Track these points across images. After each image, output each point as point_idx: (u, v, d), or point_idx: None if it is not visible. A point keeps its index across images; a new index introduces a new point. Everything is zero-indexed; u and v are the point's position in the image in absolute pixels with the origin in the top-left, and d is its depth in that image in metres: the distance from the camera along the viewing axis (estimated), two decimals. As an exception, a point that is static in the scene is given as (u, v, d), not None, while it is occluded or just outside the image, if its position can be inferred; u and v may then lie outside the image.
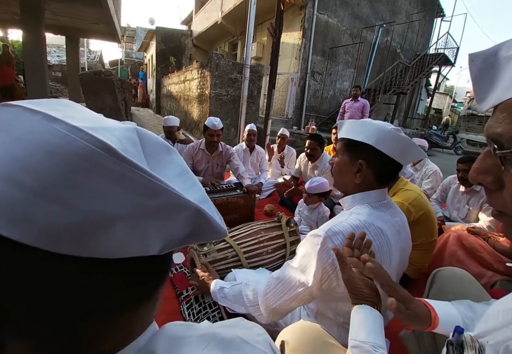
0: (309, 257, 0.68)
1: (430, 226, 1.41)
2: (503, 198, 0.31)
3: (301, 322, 0.68)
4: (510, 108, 0.29)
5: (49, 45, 13.46)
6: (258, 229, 1.44)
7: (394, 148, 0.76)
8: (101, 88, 3.37)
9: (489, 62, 0.31)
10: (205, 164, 2.40)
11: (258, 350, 0.30)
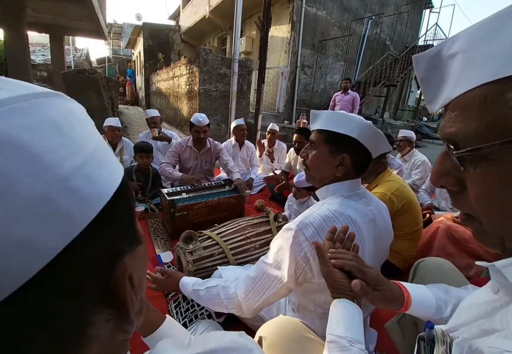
0: (282, 251, 0.67)
1: (414, 214, 1.42)
2: (467, 200, 0.31)
3: (280, 317, 0.67)
4: (460, 105, 0.28)
5: (33, 44, 13.10)
6: (245, 225, 1.43)
7: (372, 141, 0.77)
8: (86, 87, 3.29)
9: (433, 63, 0.31)
10: (194, 162, 2.37)
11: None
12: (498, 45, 0.24)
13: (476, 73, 0.26)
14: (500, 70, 0.24)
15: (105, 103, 3.55)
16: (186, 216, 1.74)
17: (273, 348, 0.56)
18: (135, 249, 0.21)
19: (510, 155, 0.25)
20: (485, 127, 0.26)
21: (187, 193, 1.86)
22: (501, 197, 0.27)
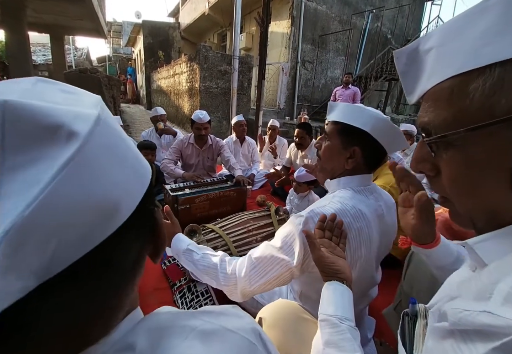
0: (292, 236, 0.68)
1: None
2: (441, 184, 0.33)
3: (279, 300, 0.70)
4: (432, 97, 0.31)
5: (33, 44, 13.12)
6: (247, 218, 1.46)
7: (386, 137, 0.76)
8: (88, 86, 3.32)
9: (412, 57, 0.33)
10: (196, 158, 2.41)
11: (243, 339, 0.30)
12: (463, 42, 0.27)
13: (445, 67, 0.28)
14: (464, 65, 0.26)
15: (107, 102, 3.58)
16: (189, 210, 1.78)
17: (272, 328, 0.60)
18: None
19: (473, 142, 0.27)
20: (452, 117, 0.28)
21: (190, 189, 1.90)
22: (467, 180, 0.30)
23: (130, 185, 0.23)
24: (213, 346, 0.27)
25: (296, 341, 0.57)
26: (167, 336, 0.26)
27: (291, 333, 0.57)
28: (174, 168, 2.23)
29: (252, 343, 0.29)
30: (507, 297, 0.22)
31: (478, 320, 0.22)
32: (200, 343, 0.27)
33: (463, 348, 0.22)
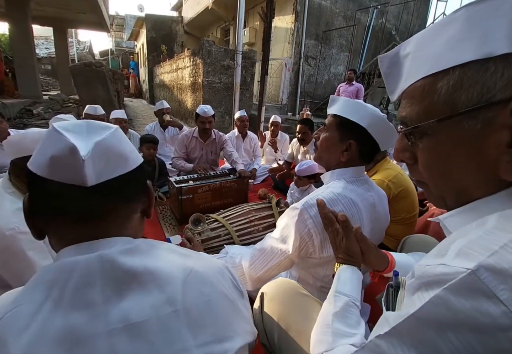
0: (288, 228, 0.75)
1: (410, 201, 1.49)
2: (418, 170, 0.38)
3: (279, 278, 0.76)
4: (408, 95, 0.36)
5: (36, 37, 13.09)
6: (249, 209, 1.52)
7: (381, 133, 0.80)
8: (93, 79, 3.36)
9: (393, 61, 0.39)
10: (199, 152, 2.46)
11: (215, 263, 0.45)
12: (433, 48, 0.32)
13: (418, 69, 0.34)
14: (432, 67, 0.32)
15: (111, 96, 3.62)
16: (192, 199, 1.84)
17: (273, 301, 0.65)
18: None
19: (441, 131, 0.33)
20: (423, 110, 0.34)
21: (193, 181, 1.95)
22: (439, 165, 0.34)
23: (134, 153, 0.42)
24: (190, 260, 0.42)
25: (295, 313, 0.62)
26: (157, 248, 0.41)
27: (290, 306, 0.63)
28: (184, 164, 2.30)
29: (221, 268, 0.45)
30: (458, 252, 0.27)
31: (436, 271, 0.27)
32: (179, 257, 0.42)
33: (425, 295, 0.27)
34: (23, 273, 0.83)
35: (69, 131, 0.36)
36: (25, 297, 0.33)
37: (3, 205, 0.85)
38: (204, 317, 0.37)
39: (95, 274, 0.33)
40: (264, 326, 0.65)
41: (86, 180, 0.35)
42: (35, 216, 0.38)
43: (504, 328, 0.22)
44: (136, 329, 0.32)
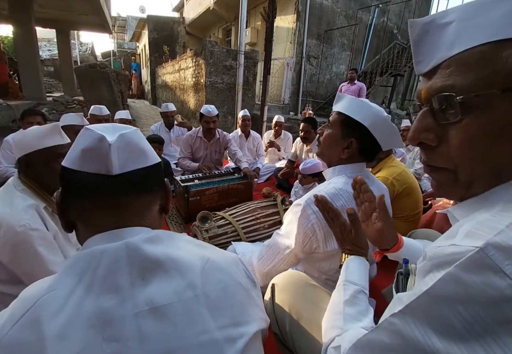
0: (292, 223, 0.78)
1: (414, 198, 1.50)
2: (445, 153, 0.35)
3: (289, 270, 0.78)
4: (457, 62, 0.33)
5: (39, 39, 13.18)
6: (255, 207, 1.54)
7: (383, 134, 0.82)
8: (97, 81, 3.39)
9: (425, 29, 0.36)
10: (204, 152, 2.48)
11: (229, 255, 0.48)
12: (492, 16, 0.31)
13: (473, 36, 0.32)
14: (497, 34, 0.30)
15: (116, 97, 3.66)
16: (199, 201, 1.87)
17: (283, 291, 0.68)
18: None
19: (501, 104, 0.30)
20: (482, 79, 0.30)
21: (199, 180, 1.98)
22: (485, 144, 0.31)
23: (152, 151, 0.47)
24: (206, 250, 0.45)
25: (305, 302, 0.64)
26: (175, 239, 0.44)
27: (300, 296, 0.65)
28: (190, 163, 2.33)
29: (235, 259, 0.48)
30: (467, 233, 0.29)
31: (447, 251, 0.29)
32: (196, 248, 0.44)
33: (437, 275, 0.29)
34: (34, 268, 0.85)
35: (98, 129, 0.41)
36: (58, 283, 0.35)
37: (14, 202, 0.87)
38: (222, 302, 0.39)
39: (122, 261, 0.36)
40: (276, 316, 0.67)
41: (112, 168, 0.39)
42: (67, 208, 0.42)
43: (510, 299, 0.24)
44: (161, 312, 0.34)
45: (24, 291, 0.38)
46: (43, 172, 0.95)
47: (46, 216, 0.93)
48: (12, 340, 0.30)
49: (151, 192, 0.44)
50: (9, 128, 4.94)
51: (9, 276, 0.86)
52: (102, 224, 0.40)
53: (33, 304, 0.33)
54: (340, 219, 0.67)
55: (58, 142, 0.97)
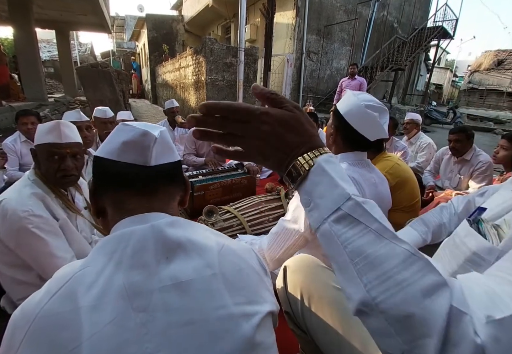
0: (298, 208, 0.82)
1: (409, 189, 1.52)
2: None
3: (300, 254, 0.81)
4: None
5: (38, 40, 13.22)
6: (259, 201, 1.57)
7: (359, 122, 0.86)
8: (99, 80, 3.42)
9: None
10: (207, 148, 2.50)
11: (242, 244, 0.50)
12: None
13: None
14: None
15: (118, 96, 3.69)
16: (203, 196, 1.89)
17: (296, 272, 0.72)
18: None
19: None
20: None
21: (203, 176, 2.01)
22: None
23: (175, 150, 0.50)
24: (221, 238, 0.48)
25: (315, 282, 0.68)
26: (194, 226, 0.47)
27: (311, 276, 0.69)
28: (196, 159, 2.36)
29: (249, 247, 0.51)
30: None
31: None
32: (212, 235, 0.48)
33: None
34: (38, 252, 0.89)
35: (136, 124, 0.46)
36: (91, 261, 0.39)
37: (22, 190, 0.92)
38: (238, 281, 0.42)
39: (148, 241, 0.39)
40: (288, 295, 0.71)
41: (150, 160, 0.44)
42: (100, 195, 0.46)
43: None
44: (183, 287, 0.37)
45: (58, 271, 0.41)
46: (41, 167, 0.99)
47: (54, 206, 0.96)
48: (50, 310, 0.33)
49: (176, 183, 0.50)
50: (12, 129, 4.99)
51: (21, 261, 0.90)
52: (134, 208, 0.44)
53: (69, 279, 0.36)
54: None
55: (53, 140, 0.98)
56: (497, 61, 17.40)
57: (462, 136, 2.11)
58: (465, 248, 0.59)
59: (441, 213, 1.03)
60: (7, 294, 0.96)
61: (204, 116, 0.32)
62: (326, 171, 0.32)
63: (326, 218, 0.31)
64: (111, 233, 0.42)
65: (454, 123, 9.60)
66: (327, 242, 0.31)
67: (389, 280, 0.25)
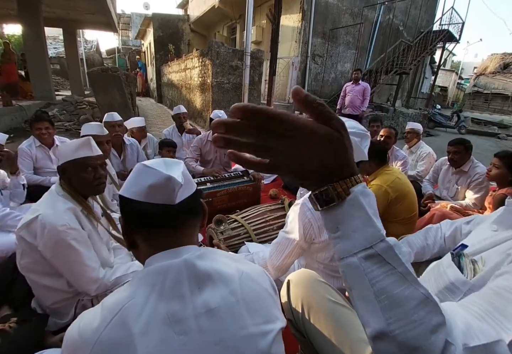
0: (294, 220, 0.96)
1: (408, 202, 1.61)
2: None
3: (301, 269, 0.92)
4: None
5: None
6: (264, 210, 1.66)
7: None
8: (109, 84, 3.51)
9: None
10: (214, 154, 2.60)
11: (260, 268, 0.59)
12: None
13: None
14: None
15: (127, 99, 3.78)
16: (211, 202, 1.99)
17: (297, 285, 0.82)
18: None
19: None
20: None
21: (210, 183, 2.10)
22: None
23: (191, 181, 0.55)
24: (240, 264, 0.56)
25: (314, 295, 0.78)
26: (214, 253, 0.55)
27: (310, 289, 0.79)
28: (195, 166, 2.44)
29: (262, 270, 0.59)
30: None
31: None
32: (232, 261, 0.56)
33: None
34: (72, 262, 0.98)
35: (157, 166, 0.51)
36: (135, 293, 0.46)
37: (56, 205, 1.01)
38: (255, 304, 0.51)
39: (183, 274, 0.47)
40: (290, 305, 0.82)
41: (175, 199, 0.49)
42: (131, 232, 0.52)
43: None
44: (213, 312, 0.46)
45: (106, 300, 0.48)
46: (74, 180, 1.08)
47: (82, 217, 1.06)
48: (108, 336, 0.41)
49: (199, 214, 0.55)
50: (23, 129, 5.11)
51: (54, 270, 1.00)
52: (165, 245, 0.50)
53: (119, 310, 0.44)
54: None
55: (87, 154, 1.09)
56: (503, 64, 17.29)
57: (460, 148, 2.18)
58: (446, 277, 0.72)
59: (426, 234, 1.15)
60: (37, 298, 1.06)
61: (237, 121, 0.27)
62: (363, 206, 0.32)
63: (357, 252, 0.32)
64: (147, 265, 0.49)
65: (458, 127, 9.61)
66: (353, 274, 0.32)
67: (407, 318, 0.30)
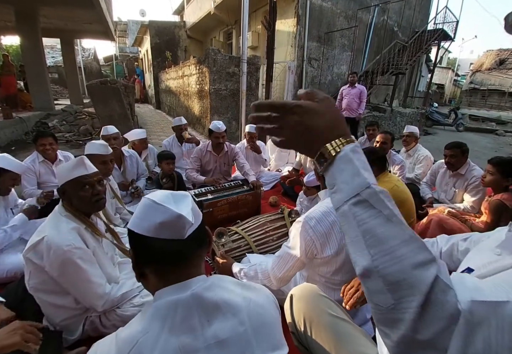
0: (296, 237, 1.00)
1: (405, 211, 1.65)
2: None
3: (304, 284, 0.96)
4: None
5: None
6: (264, 221, 1.69)
7: None
8: (109, 96, 3.56)
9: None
10: (213, 164, 2.64)
11: (269, 293, 0.62)
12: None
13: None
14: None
15: (126, 110, 3.83)
16: (211, 213, 2.02)
17: (300, 300, 0.86)
18: None
19: None
20: None
21: (211, 194, 2.14)
22: None
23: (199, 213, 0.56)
24: (248, 291, 0.58)
25: (315, 309, 0.81)
26: (224, 281, 0.57)
27: (312, 304, 0.83)
28: (196, 176, 2.48)
29: (269, 295, 0.61)
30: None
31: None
32: (241, 289, 0.58)
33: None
34: (78, 279, 1.02)
35: (166, 203, 0.52)
36: (149, 327, 0.49)
37: (60, 226, 1.04)
38: (263, 332, 0.53)
39: (192, 308, 0.50)
40: (293, 319, 0.86)
41: (185, 235, 0.51)
42: (141, 265, 0.54)
43: None
44: (223, 343, 0.49)
45: (121, 332, 0.50)
46: (74, 199, 1.11)
47: (86, 236, 1.09)
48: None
49: (206, 245, 0.57)
50: (23, 141, 5.16)
51: (61, 289, 1.04)
52: (173, 277, 0.52)
53: (135, 343, 0.46)
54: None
55: (83, 173, 1.12)
56: (499, 60, 17.33)
57: (457, 151, 2.21)
58: None
59: None
60: (47, 316, 1.09)
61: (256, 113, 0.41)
62: (351, 160, 0.37)
63: (347, 200, 0.36)
64: (156, 298, 0.52)
65: (456, 124, 9.64)
66: (345, 220, 0.36)
67: (391, 254, 0.32)
